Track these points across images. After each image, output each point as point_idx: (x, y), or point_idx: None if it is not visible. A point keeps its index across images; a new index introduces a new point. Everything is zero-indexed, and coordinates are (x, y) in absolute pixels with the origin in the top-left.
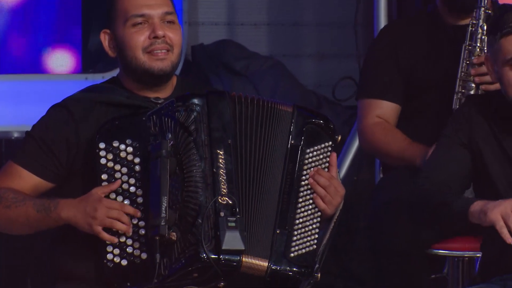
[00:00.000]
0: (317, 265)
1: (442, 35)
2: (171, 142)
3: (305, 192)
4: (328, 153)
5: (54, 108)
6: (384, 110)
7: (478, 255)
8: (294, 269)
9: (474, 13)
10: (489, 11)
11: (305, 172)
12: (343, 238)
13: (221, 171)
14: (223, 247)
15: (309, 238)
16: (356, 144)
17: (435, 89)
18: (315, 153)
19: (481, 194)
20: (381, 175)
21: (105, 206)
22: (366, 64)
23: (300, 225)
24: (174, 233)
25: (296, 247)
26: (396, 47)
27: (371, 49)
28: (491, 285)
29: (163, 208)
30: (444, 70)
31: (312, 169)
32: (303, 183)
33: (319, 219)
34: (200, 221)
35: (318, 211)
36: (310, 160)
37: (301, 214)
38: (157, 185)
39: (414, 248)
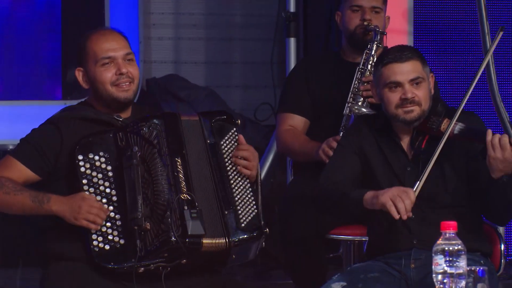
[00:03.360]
0: (263, 222)
1: (342, 70)
2: (139, 153)
3: (233, 174)
4: (236, 137)
5: (44, 123)
6: (295, 121)
7: (364, 239)
8: (248, 235)
9: (369, 45)
10: (380, 45)
11: (226, 160)
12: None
13: (180, 175)
14: (189, 233)
15: (250, 206)
16: (272, 153)
17: (333, 113)
18: (227, 141)
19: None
20: (291, 177)
21: (88, 205)
22: (285, 87)
23: (239, 200)
24: (148, 224)
25: (244, 218)
26: (307, 75)
27: (290, 75)
28: (375, 262)
29: (139, 205)
30: (341, 98)
31: (230, 154)
32: (228, 168)
33: (250, 188)
34: (168, 213)
35: (248, 183)
36: (226, 149)
37: (237, 192)
38: (132, 187)
39: (314, 234)
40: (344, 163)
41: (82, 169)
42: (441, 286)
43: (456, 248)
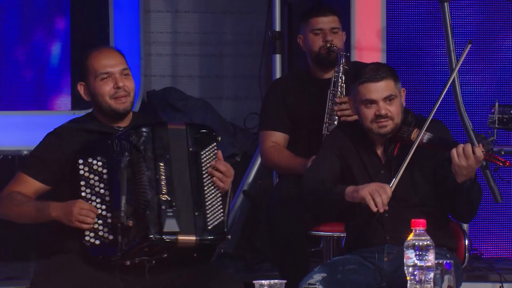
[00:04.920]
0: (226, 230)
1: (313, 86)
2: (128, 158)
3: (207, 182)
4: (215, 151)
5: (48, 134)
6: (276, 138)
7: (343, 235)
8: (213, 237)
9: (336, 68)
10: (346, 67)
11: (204, 168)
12: (251, 224)
13: (162, 177)
14: (164, 230)
15: (217, 213)
16: (260, 158)
17: (308, 127)
18: (207, 153)
19: None
20: (277, 180)
21: (78, 208)
22: (264, 106)
23: (209, 205)
24: (131, 221)
25: (211, 221)
26: (283, 94)
27: (266, 95)
28: (352, 255)
29: (122, 204)
30: (315, 111)
31: (208, 164)
32: (204, 176)
33: (220, 198)
34: (148, 212)
35: (219, 192)
36: (205, 159)
37: (208, 198)
38: (118, 188)
39: (298, 231)
40: (326, 163)
41: (81, 171)
42: (412, 277)
43: (425, 243)
